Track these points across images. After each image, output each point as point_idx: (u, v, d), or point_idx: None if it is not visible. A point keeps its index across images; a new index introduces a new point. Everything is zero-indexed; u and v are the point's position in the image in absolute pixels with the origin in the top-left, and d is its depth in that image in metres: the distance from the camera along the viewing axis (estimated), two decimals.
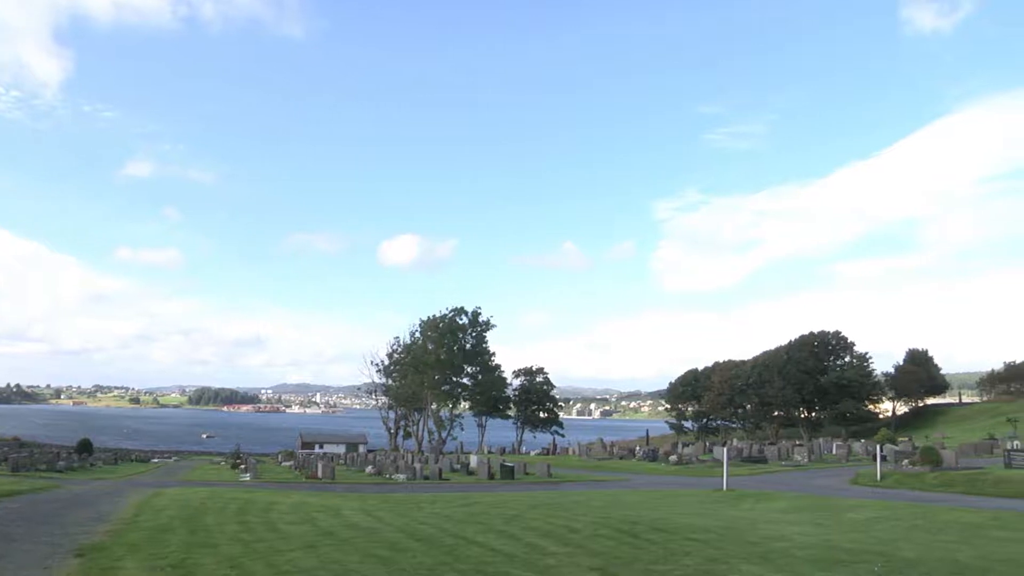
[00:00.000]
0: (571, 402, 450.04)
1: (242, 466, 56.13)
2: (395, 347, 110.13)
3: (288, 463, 65.95)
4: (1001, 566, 13.37)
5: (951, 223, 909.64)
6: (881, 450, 39.53)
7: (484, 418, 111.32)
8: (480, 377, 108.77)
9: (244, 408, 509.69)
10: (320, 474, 46.36)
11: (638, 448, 64.01)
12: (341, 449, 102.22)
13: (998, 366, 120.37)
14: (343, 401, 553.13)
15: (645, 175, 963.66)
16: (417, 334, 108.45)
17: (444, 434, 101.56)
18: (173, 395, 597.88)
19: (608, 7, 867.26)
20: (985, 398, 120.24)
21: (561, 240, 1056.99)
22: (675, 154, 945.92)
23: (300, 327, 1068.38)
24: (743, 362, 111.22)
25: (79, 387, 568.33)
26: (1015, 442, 49.41)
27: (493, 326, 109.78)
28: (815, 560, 13.52)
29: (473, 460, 52.64)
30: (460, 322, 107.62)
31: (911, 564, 13.30)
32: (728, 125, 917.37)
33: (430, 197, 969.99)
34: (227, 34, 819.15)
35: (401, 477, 45.60)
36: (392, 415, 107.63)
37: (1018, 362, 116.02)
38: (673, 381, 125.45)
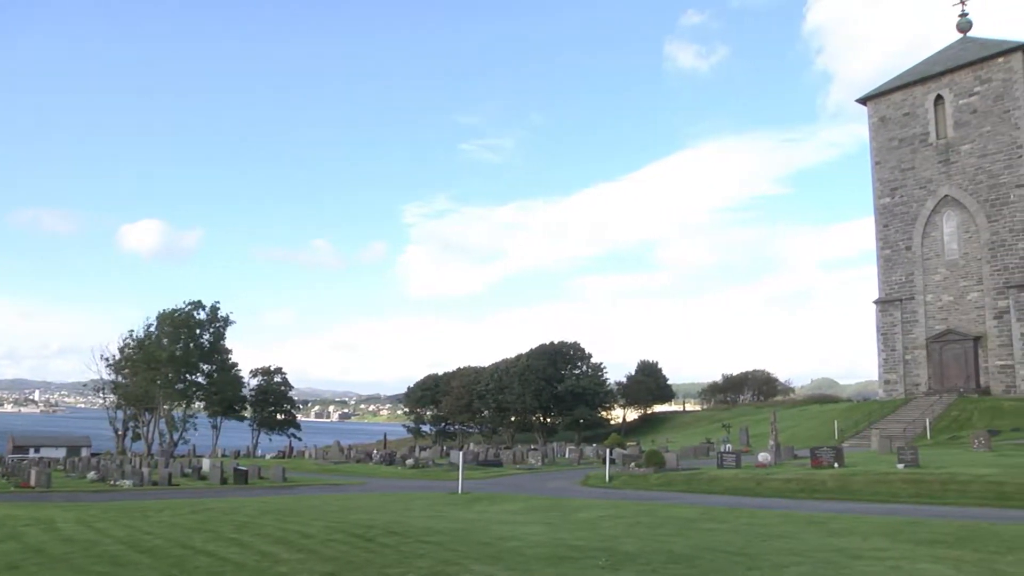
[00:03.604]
0: (310, 404, 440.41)
1: None
2: (128, 341, 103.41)
3: None
4: (707, 553, 14.72)
5: (685, 247, 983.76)
6: (611, 453, 41.66)
7: (219, 419, 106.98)
8: (216, 376, 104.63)
9: None
10: (33, 482, 42.68)
11: (376, 451, 63.81)
12: (61, 453, 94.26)
13: (717, 377, 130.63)
14: (66, 400, 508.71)
15: (398, 179, 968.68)
16: (152, 328, 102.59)
17: (176, 436, 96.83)
18: None
19: (377, 11, 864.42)
20: (705, 406, 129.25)
21: (313, 237, 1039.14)
22: (428, 160, 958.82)
23: (23, 315, 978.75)
24: (484, 368, 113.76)
25: None
26: (727, 445, 53.89)
27: (232, 323, 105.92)
28: (544, 558, 14.12)
29: (206, 464, 50.53)
30: (198, 317, 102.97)
31: (632, 556, 14.28)
32: (483, 137, 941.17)
33: (176, 182, 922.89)
34: None
35: (127, 483, 42.95)
36: (120, 415, 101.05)
37: (734, 374, 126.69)
38: (412, 385, 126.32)
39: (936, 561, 13.92)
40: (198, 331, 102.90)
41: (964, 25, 75.58)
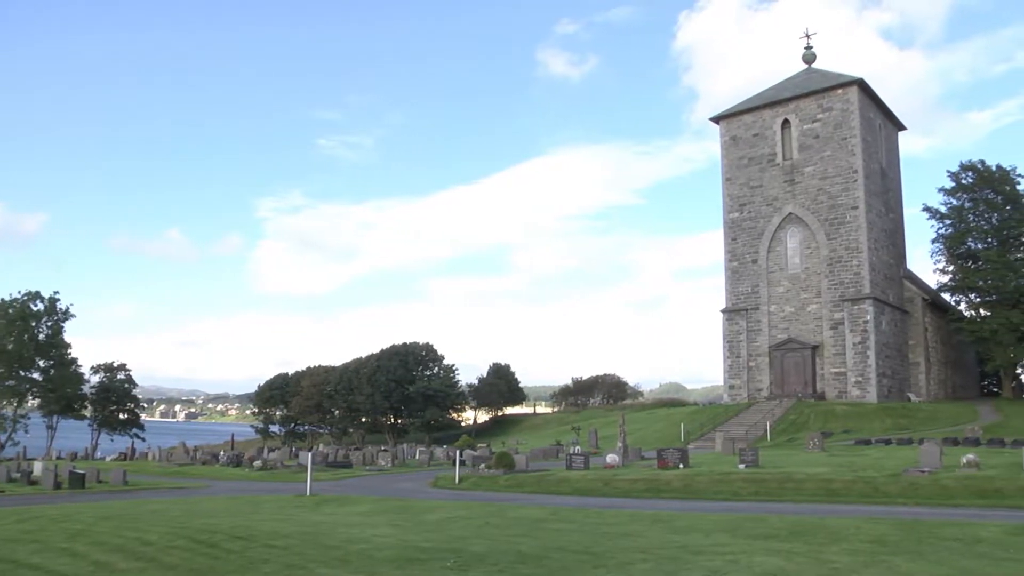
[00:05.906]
0: (155, 403, 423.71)
1: None
2: None
3: None
4: (555, 553, 15.00)
5: (540, 251, 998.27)
6: (461, 455, 41.73)
7: (55, 419, 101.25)
8: (53, 372, 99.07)
9: None
10: None
11: (222, 453, 61.91)
12: None
13: (569, 381, 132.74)
14: None
15: (253, 171, 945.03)
16: None
17: (4, 438, 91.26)
18: None
19: (236, 1, 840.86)
20: (556, 409, 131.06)
21: (166, 227, 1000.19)
22: (284, 154, 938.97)
23: None
24: (334, 368, 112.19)
25: None
26: (576, 447, 54.80)
27: (72, 316, 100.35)
28: (392, 560, 14.07)
29: (37, 467, 47.73)
30: (35, 309, 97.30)
31: (480, 557, 14.37)
32: (342, 133, 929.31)
33: (20, 161, 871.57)
34: None
35: None
36: None
37: (584, 378, 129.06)
38: (262, 384, 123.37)
39: (770, 554, 14.69)
40: (35, 324, 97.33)
41: (809, 57, 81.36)
